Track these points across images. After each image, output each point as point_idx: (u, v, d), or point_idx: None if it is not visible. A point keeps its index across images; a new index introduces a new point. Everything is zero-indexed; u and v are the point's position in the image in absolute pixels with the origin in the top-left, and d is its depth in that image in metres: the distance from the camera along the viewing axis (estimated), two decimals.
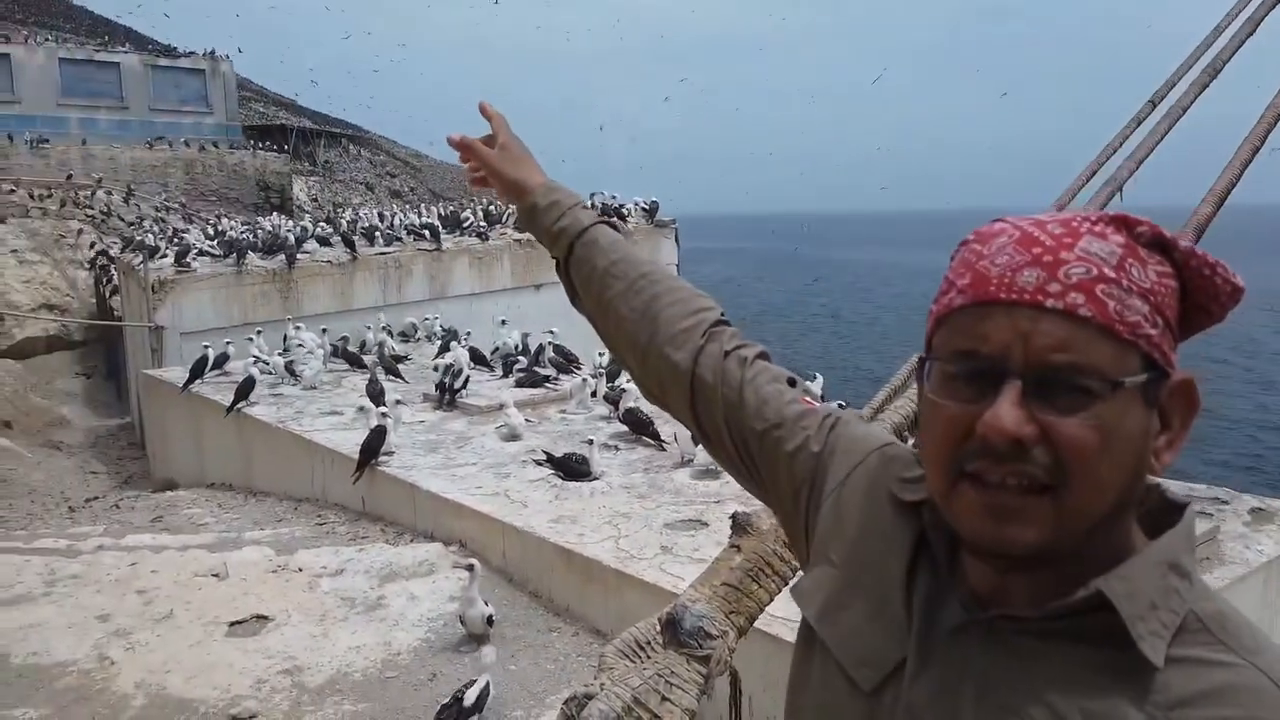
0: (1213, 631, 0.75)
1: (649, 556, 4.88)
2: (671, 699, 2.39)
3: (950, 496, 0.78)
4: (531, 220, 1.27)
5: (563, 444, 6.84)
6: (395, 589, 5.34)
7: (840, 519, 0.95)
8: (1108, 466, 0.74)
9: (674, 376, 1.12)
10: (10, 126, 31.99)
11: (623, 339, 1.19)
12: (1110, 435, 0.73)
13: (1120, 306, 0.74)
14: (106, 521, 7.55)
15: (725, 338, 1.12)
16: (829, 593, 0.91)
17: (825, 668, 0.89)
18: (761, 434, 1.04)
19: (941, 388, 0.79)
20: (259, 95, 60.53)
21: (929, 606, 0.84)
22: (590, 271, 1.21)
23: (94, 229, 25.77)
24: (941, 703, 0.79)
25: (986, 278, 0.77)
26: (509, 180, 1.27)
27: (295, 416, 8.24)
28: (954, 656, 0.80)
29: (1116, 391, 0.73)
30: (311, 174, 43.41)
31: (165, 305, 11.83)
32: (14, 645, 4.76)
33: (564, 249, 1.23)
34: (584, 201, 1.26)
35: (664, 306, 1.15)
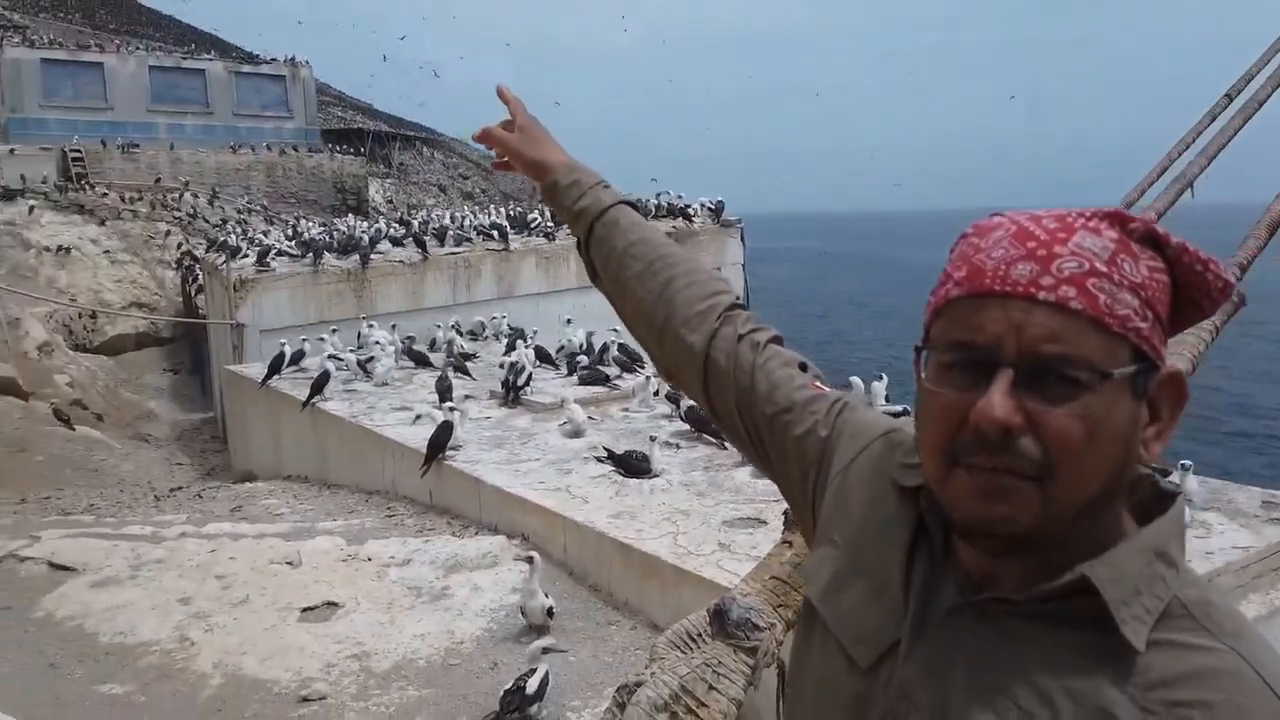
0: (1196, 618, 0.78)
1: (707, 553, 4.93)
2: (718, 688, 2.45)
3: (944, 482, 0.81)
4: (553, 199, 1.29)
5: (624, 441, 6.92)
6: (460, 580, 5.48)
7: (844, 502, 0.98)
8: (1093, 456, 0.76)
9: (688, 358, 1.14)
10: (103, 132, 33.34)
11: (640, 319, 1.21)
12: (1098, 426, 0.76)
13: (1111, 300, 0.76)
14: (189, 510, 7.87)
15: (740, 321, 1.14)
16: (831, 573, 0.94)
17: (825, 644, 0.92)
18: (771, 417, 1.07)
19: (938, 377, 0.81)
20: (337, 100, 62.01)
21: (925, 589, 0.87)
22: (609, 251, 1.23)
23: (181, 230, 26.75)
24: (933, 680, 0.82)
25: (982, 270, 0.79)
26: (529, 160, 1.29)
27: (367, 412, 8.48)
28: (946, 637, 0.83)
29: (1105, 382, 0.75)
30: (386, 176, 44.34)
31: (246, 304, 12.25)
32: (102, 625, 5.03)
33: (584, 228, 1.25)
34: (604, 181, 1.28)
35: (680, 289, 1.17)
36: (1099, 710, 0.75)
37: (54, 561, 5.80)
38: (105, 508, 8.19)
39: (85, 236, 24.63)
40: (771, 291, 42.36)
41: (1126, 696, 0.75)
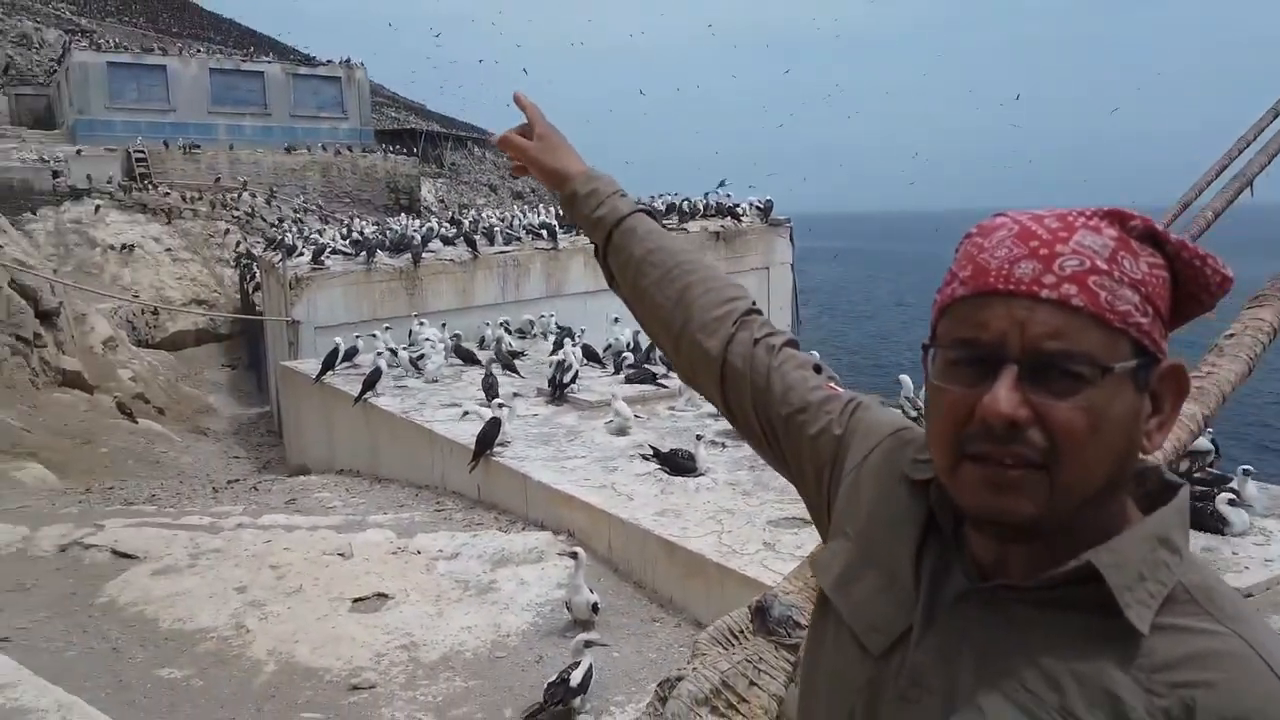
0: (1199, 602, 0.80)
1: (751, 552, 4.94)
2: (759, 684, 2.47)
3: (953, 474, 0.83)
4: (571, 208, 1.31)
5: (670, 440, 6.95)
6: (506, 574, 5.55)
7: (857, 497, 1.00)
8: (1097, 447, 0.79)
9: (705, 362, 1.17)
10: (166, 134, 34.23)
11: (657, 324, 1.23)
12: (1100, 418, 0.78)
13: (1111, 297, 0.79)
14: (246, 502, 8.06)
15: (755, 326, 1.17)
16: (844, 565, 0.97)
17: (838, 634, 0.95)
18: (786, 418, 1.09)
19: (945, 373, 0.84)
20: (390, 100, 62.87)
21: (935, 578, 0.89)
22: (627, 259, 1.25)
23: (239, 229, 27.38)
24: (942, 665, 0.85)
25: (986, 270, 0.82)
26: (547, 169, 1.31)
27: (418, 408, 8.61)
28: (956, 623, 0.86)
29: (1107, 376, 0.78)
30: (439, 176, 44.87)
31: (301, 301, 12.49)
32: (162, 611, 5.18)
33: (602, 236, 1.27)
34: (622, 189, 1.30)
35: (697, 295, 1.19)
36: (1104, 692, 0.77)
37: (117, 549, 5.98)
38: (165, 498, 8.41)
39: (148, 235, 25.34)
40: (821, 292, 42.08)
41: (1131, 678, 0.77)
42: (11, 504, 7.74)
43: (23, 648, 4.64)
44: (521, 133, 1.33)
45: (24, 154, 29.07)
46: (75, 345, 14.15)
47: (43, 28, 50.37)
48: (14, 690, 3.82)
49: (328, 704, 4.27)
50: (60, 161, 29.03)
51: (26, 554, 5.99)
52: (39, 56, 46.10)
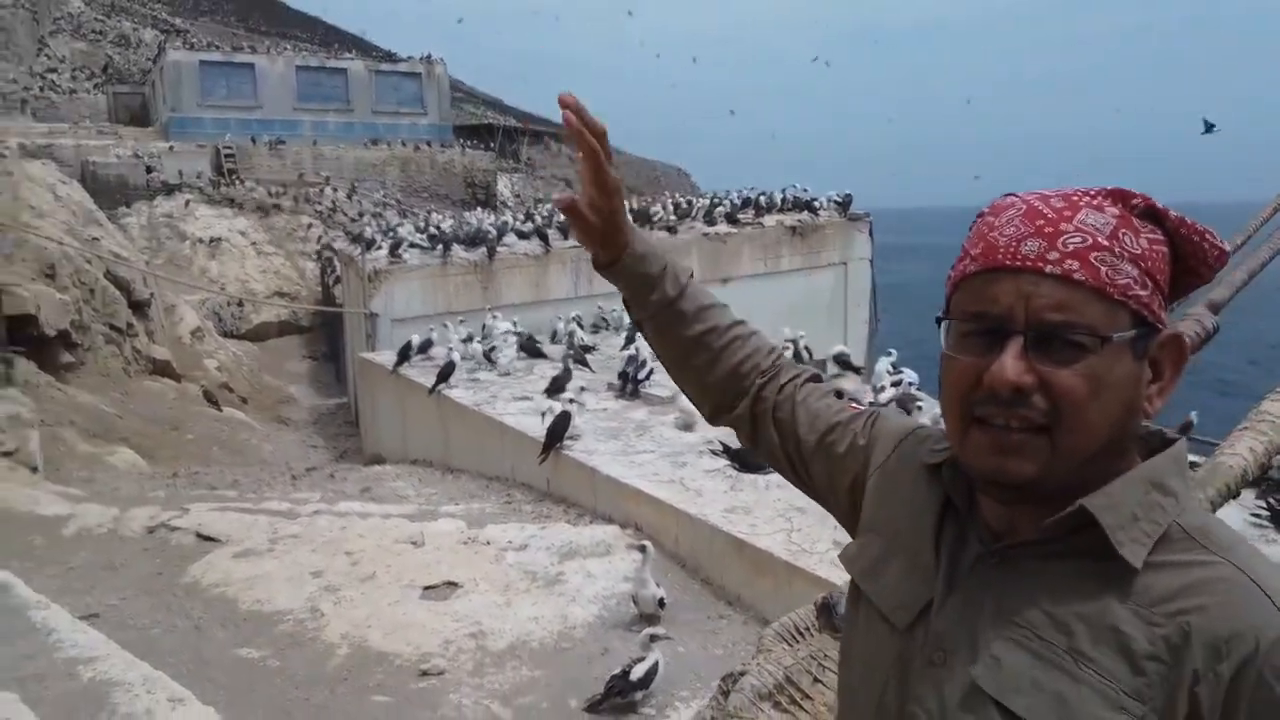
0: (1195, 538, 0.86)
1: (820, 551, 4.88)
2: (823, 681, 2.43)
3: (962, 440, 0.90)
4: (616, 278, 1.23)
5: None
6: (573, 566, 5.59)
7: (881, 493, 1.08)
8: (1096, 410, 0.85)
9: (737, 425, 1.27)
10: (253, 130, 35.31)
11: (703, 397, 1.28)
12: (1100, 383, 0.84)
13: (1111, 271, 0.85)
14: (323, 489, 8.27)
15: (782, 373, 1.24)
16: (872, 556, 1.04)
17: (869, 617, 1.02)
18: (815, 444, 1.17)
19: (957, 344, 0.91)
20: (469, 96, 63.77)
21: (953, 551, 0.96)
22: (673, 340, 1.23)
23: (321, 223, 28.09)
24: (963, 625, 0.91)
25: (995, 247, 0.88)
26: (604, 233, 1.18)
27: (489, 400, 8.71)
28: (972, 586, 0.92)
29: (1106, 345, 0.84)
30: (515, 171, 45.35)
31: (379, 293, 12.75)
32: (242, 593, 5.34)
33: (645, 316, 1.23)
34: (667, 264, 1.21)
35: (744, 375, 1.24)
36: (1109, 629, 0.83)
37: (201, 532, 6.18)
38: (247, 484, 8.67)
39: (234, 229, 26.16)
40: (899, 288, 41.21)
41: (1131, 612, 0.83)
42: (104, 486, 8.07)
43: (111, 623, 4.84)
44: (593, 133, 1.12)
45: (120, 150, 30.27)
46: (165, 335, 14.70)
47: (140, 28, 52.40)
48: (104, 663, 3.98)
49: (398, 688, 4.35)
50: (154, 158, 30.15)
51: (117, 534, 6.24)
52: (136, 56, 48.01)
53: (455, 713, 4.17)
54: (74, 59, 46.14)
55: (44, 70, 43.15)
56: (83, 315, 11.62)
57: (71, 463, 8.79)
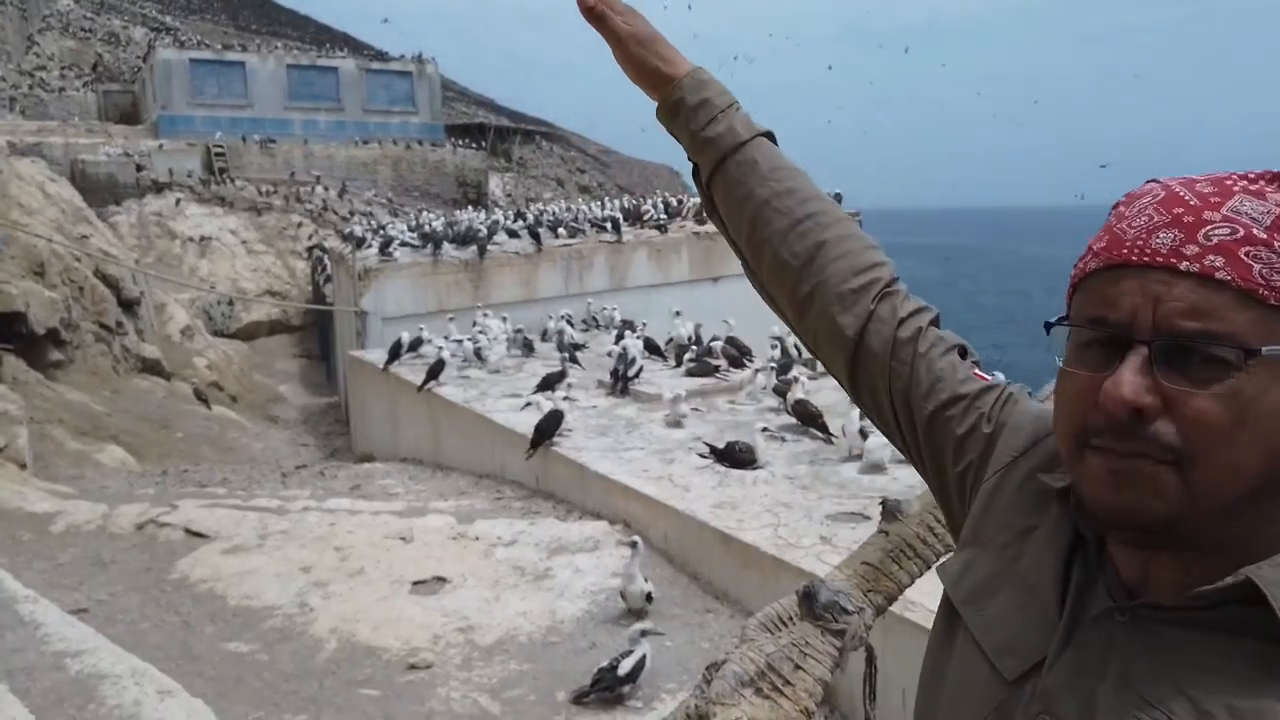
0: None
1: (807, 545, 4.91)
2: (804, 668, 2.46)
3: (1076, 467, 0.75)
4: (673, 119, 1.10)
5: (730, 434, 6.93)
6: (562, 561, 5.61)
7: (999, 503, 0.89)
8: (1240, 444, 0.68)
9: (837, 340, 1.02)
10: (244, 128, 35.22)
11: (777, 285, 1.07)
12: (1245, 410, 0.67)
13: (1269, 270, 0.68)
14: (312, 487, 8.28)
15: (898, 300, 1.01)
16: (979, 577, 0.87)
17: (965, 651, 0.85)
18: (932, 414, 0.97)
19: (1074, 356, 0.76)
20: (461, 95, 63.73)
21: (1079, 597, 0.79)
22: (744, 199, 1.06)
23: (312, 222, 28.04)
24: (1077, 689, 0.75)
25: (1121, 240, 0.73)
26: (643, 63, 1.09)
27: (479, 397, 8.73)
28: (1093, 645, 0.76)
29: (1255, 362, 0.67)
30: (506, 170, 45.38)
31: (369, 292, 12.75)
32: (231, 589, 5.35)
33: (711, 163, 1.08)
34: (737, 103, 1.09)
35: (832, 259, 1.02)
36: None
37: (190, 528, 6.19)
38: (237, 482, 8.67)
39: (225, 228, 26.10)
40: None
41: None
42: (93, 484, 8.07)
43: (100, 618, 4.85)
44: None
45: (110, 149, 30.16)
46: (155, 334, 14.67)
47: (130, 26, 52.21)
48: (92, 656, 4.00)
49: (386, 682, 4.37)
50: (144, 156, 30.04)
51: (106, 531, 6.24)
52: (125, 54, 47.83)
53: (443, 706, 4.19)
54: (63, 57, 45.95)
55: (33, 68, 42.96)
56: (72, 313, 11.60)
57: (60, 460, 8.79)
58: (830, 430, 6.88)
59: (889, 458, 6.14)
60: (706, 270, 14.80)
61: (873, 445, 6.09)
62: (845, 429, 6.48)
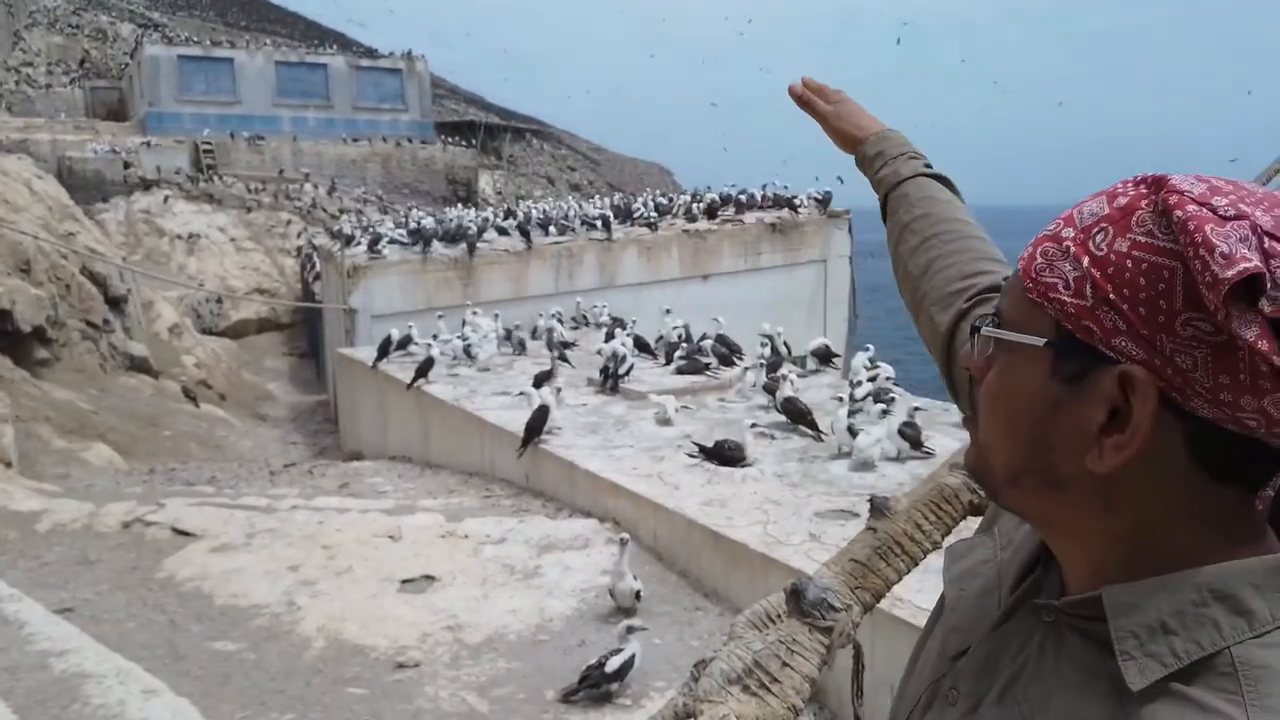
0: (1239, 678, 0.64)
1: (796, 543, 4.92)
2: (792, 665, 2.46)
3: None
4: (862, 167, 1.32)
5: (719, 431, 6.94)
6: (551, 559, 5.60)
7: None
8: (999, 413, 0.74)
9: (935, 338, 1.11)
10: (232, 125, 35.02)
11: (906, 293, 1.20)
12: (997, 384, 0.74)
13: (1045, 266, 0.70)
14: (301, 485, 8.24)
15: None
16: (971, 562, 0.91)
17: (939, 629, 0.91)
18: None
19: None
20: (451, 93, 63.54)
21: (1030, 589, 0.82)
22: (895, 224, 1.23)
23: (301, 220, 27.93)
24: (983, 673, 0.79)
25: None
26: (840, 131, 1.33)
27: (469, 395, 8.71)
28: (1013, 636, 0.79)
29: (1011, 344, 0.72)
30: (496, 168, 45.24)
31: (358, 289, 12.70)
32: (218, 587, 5.32)
33: (881, 198, 1.28)
34: (912, 151, 1.28)
35: (943, 268, 1.14)
36: None
37: (177, 527, 6.16)
38: (225, 480, 8.63)
39: (214, 225, 25.98)
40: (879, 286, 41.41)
41: None
42: (79, 482, 8.01)
43: (85, 618, 4.81)
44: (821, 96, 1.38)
45: (98, 145, 29.98)
46: (142, 331, 14.59)
47: (117, 22, 51.87)
48: (77, 655, 3.97)
49: (373, 680, 4.35)
50: (131, 153, 29.87)
51: (92, 529, 6.20)
52: (113, 50, 47.51)
53: (431, 704, 4.18)
54: (50, 53, 45.64)
55: (19, 64, 42.66)
56: (58, 311, 11.52)
57: (46, 459, 8.73)
58: (819, 428, 6.89)
59: (878, 455, 6.15)
60: (696, 268, 14.79)
61: (862, 443, 6.11)
62: (834, 426, 6.49)
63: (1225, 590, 0.66)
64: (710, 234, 15.24)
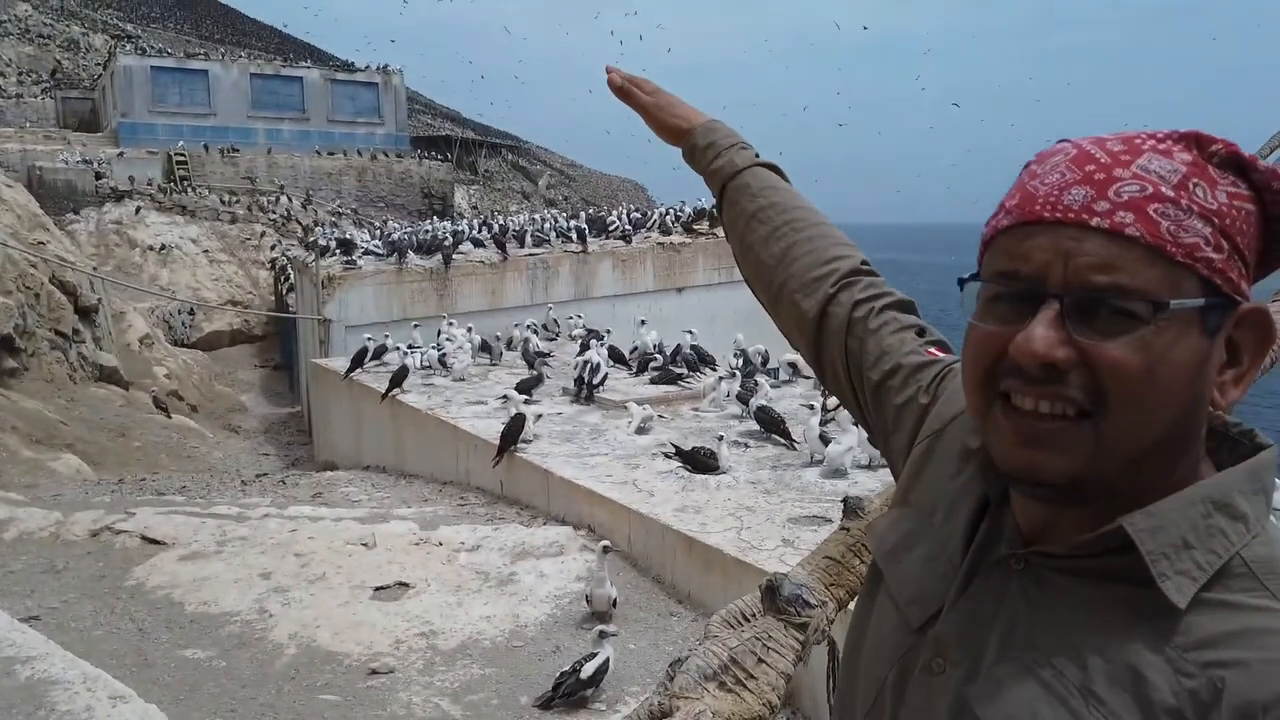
0: (1258, 575, 0.70)
1: (769, 548, 4.94)
2: (767, 661, 2.47)
3: (986, 425, 0.77)
4: (691, 160, 1.29)
5: (693, 440, 6.96)
6: (526, 566, 5.59)
7: (926, 466, 0.93)
8: (1153, 394, 0.70)
9: (801, 324, 1.11)
10: (207, 137, 34.81)
11: (759, 283, 1.19)
12: (1156, 360, 0.69)
13: (1175, 227, 0.69)
14: (273, 494, 8.17)
15: (859, 287, 1.09)
16: (900, 534, 0.91)
17: (883, 605, 0.89)
18: (877, 384, 1.03)
19: (983, 311, 0.76)
20: (427, 108, 63.51)
21: (982, 547, 0.82)
22: (738, 214, 1.21)
23: (275, 232, 27.76)
24: (968, 635, 0.78)
25: (1034, 197, 0.74)
26: (666, 124, 1.29)
27: (444, 404, 8.68)
28: (986, 593, 0.79)
29: (1164, 315, 0.69)
30: (472, 183, 45.26)
31: (333, 300, 12.65)
32: (188, 595, 5.27)
33: (717, 190, 1.25)
34: (743, 142, 1.25)
35: (799, 255, 1.13)
36: (1129, 669, 0.69)
37: (146, 535, 6.09)
38: (195, 489, 8.55)
39: (186, 236, 25.76)
40: None
41: (1163, 657, 0.68)
42: (47, 492, 7.91)
43: (52, 626, 4.75)
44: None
45: (69, 155, 29.69)
46: (113, 342, 14.42)
47: (90, 33, 51.49)
48: (43, 662, 3.91)
49: (346, 686, 4.32)
50: (104, 163, 29.60)
51: (59, 538, 6.12)
52: (85, 61, 47.17)
53: (404, 710, 4.15)
54: (21, 63, 45.22)
55: None
56: (27, 320, 11.39)
57: (14, 469, 8.61)
58: (792, 436, 6.93)
59: (849, 463, 6.19)
60: (670, 280, 14.85)
61: (834, 451, 6.15)
62: (806, 435, 6.53)
63: (1222, 500, 0.72)
64: (685, 247, 15.32)
